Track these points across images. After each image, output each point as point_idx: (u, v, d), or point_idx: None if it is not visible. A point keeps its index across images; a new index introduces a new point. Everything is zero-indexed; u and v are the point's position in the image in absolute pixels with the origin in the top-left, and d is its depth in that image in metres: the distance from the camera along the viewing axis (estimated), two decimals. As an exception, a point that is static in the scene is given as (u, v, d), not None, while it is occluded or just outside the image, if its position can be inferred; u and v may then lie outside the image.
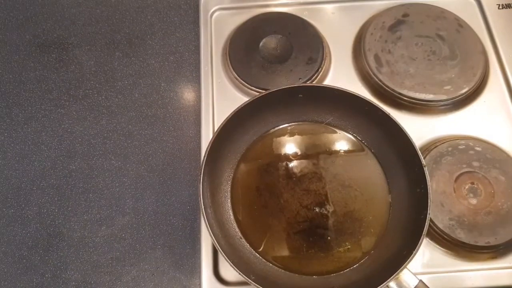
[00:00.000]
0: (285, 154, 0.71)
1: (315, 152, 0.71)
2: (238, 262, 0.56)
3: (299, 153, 0.71)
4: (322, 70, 0.79)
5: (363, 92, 0.78)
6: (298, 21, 0.84)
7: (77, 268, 0.68)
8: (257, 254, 0.65)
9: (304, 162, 0.70)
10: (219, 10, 0.88)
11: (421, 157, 0.60)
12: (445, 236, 0.65)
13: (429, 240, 0.67)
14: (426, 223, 0.56)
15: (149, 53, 0.85)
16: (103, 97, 0.81)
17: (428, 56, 0.79)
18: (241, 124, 0.66)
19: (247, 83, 0.78)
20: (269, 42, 0.82)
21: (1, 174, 0.75)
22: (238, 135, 0.68)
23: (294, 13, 0.85)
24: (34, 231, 0.71)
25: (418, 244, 0.55)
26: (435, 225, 0.65)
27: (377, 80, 0.77)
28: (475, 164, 0.69)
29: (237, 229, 0.66)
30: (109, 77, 0.83)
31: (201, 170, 0.61)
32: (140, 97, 0.81)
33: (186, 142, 0.76)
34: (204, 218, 0.58)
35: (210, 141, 0.63)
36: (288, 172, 0.69)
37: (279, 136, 0.72)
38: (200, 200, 0.59)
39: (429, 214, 0.57)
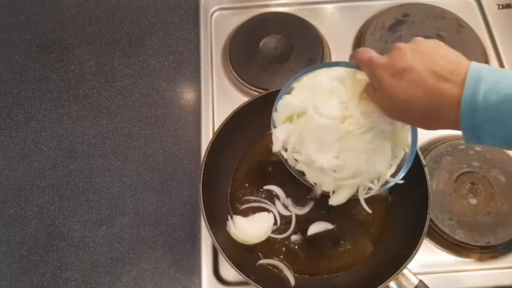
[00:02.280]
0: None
1: (315, 152, 0.70)
2: (238, 262, 0.56)
3: (299, 153, 0.71)
4: (322, 70, 0.79)
5: (363, 92, 0.77)
6: (298, 21, 0.84)
7: (77, 268, 0.68)
8: (258, 253, 0.65)
9: (304, 162, 0.70)
10: (219, 10, 0.88)
11: (421, 157, 0.60)
12: (445, 236, 0.65)
13: (429, 240, 0.67)
14: (426, 223, 0.56)
15: (149, 53, 0.85)
16: (103, 97, 0.81)
17: (428, 56, 0.79)
18: (241, 124, 0.66)
19: (247, 83, 0.78)
20: (269, 42, 0.82)
21: (1, 174, 0.75)
22: (238, 135, 0.68)
23: (294, 13, 0.85)
24: (34, 231, 0.71)
25: (418, 244, 0.55)
26: (435, 225, 0.65)
27: (377, 80, 0.77)
28: (475, 164, 0.69)
29: (237, 229, 0.66)
30: (109, 77, 0.83)
31: (201, 170, 0.61)
32: (140, 97, 0.81)
33: (186, 142, 0.76)
34: (204, 218, 0.58)
35: (210, 141, 0.63)
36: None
37: (279, 136, 0.72)
38: (200, 200, 0.59)
39: (429, 214, 0.57)
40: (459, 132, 0.38)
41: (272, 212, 0.66)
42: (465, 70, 0.37)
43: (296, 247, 0.65)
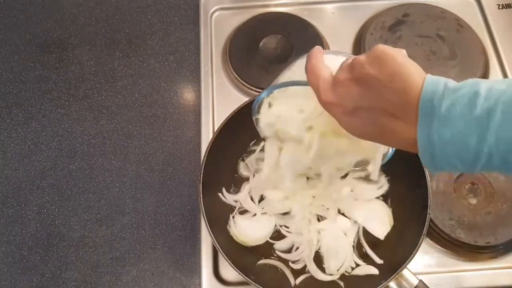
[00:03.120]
0: (285, 154, 0.71)
1: (315, 152, 0.70)
2: (238, 262, 0.56)
3: (299, 153, 0.71)
4: (322, 70, 0.78)
5: (363, 92, 0.77)
6: (298, 21, 0.84)
7: (77, 268, 0.68)
8: (257, 254, 0.65)
9: (304, 162, 0.70)
10: (219, 10, 0.88)
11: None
12: (445, 236, 0.65)
13: (429, 240, 0.67)
14: (426, 223, 0.56)
15: (149, 53, 0.85)
16: (103, 97, 0.81)
17: (428, 56, 0.79)
18: (241, 124, 0.66)
19: (247, 83, 0.78)
20: (269, 42, 0.82)
21: (1, 174, 0.75)
22: (238, 135, 0.67)
23: (294, 13, 0.85)
24: (34, 231, 0.71)
25: (418, 244, 0.55)
26: (435, 225, 0.65)
27: (377, 80, 0.77)
28: (475, 164, 0.69)
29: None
30: (109, 77, 0.83)
31: (201, 170, 0.61)
32: (140, 97, 0.81)
33: (186, 142, 0.76)
34: (204, 218, 0.58)
35: (210, 141, 0.63)
36: (288, 172, 0.69)
37: (279, 136, 0.72)
38: (200, 200, 0.59)
39: (429, 214, 0.57)
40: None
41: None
42: (415, 101, 0.34)
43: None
